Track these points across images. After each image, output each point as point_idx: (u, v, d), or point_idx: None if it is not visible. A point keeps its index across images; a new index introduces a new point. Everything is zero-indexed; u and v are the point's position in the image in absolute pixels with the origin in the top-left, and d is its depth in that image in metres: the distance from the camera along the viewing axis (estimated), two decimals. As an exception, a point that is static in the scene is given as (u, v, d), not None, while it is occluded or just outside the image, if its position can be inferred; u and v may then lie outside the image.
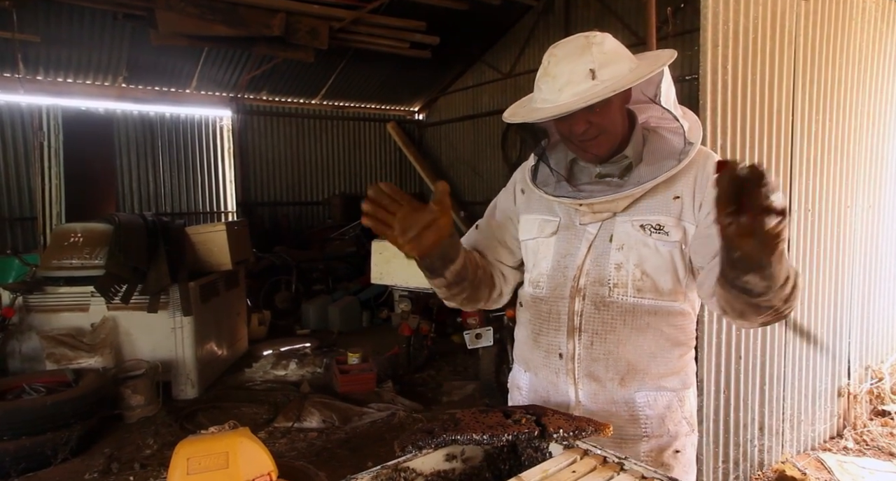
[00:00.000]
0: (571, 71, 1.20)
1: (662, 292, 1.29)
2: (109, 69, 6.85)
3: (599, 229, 1.31)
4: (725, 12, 2.61)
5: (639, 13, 5.99)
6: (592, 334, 1.30)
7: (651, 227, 1.26)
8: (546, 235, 1.38)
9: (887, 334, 3.89)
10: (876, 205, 3.65)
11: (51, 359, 3.97)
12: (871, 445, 3.42)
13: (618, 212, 1.29)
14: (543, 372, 1.39)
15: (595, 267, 1.30)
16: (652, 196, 1.27)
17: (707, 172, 1.26)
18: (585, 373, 1.32)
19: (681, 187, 1.27)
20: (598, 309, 1.30)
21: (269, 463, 1.99)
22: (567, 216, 1.36)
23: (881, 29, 3.54)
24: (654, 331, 1.30)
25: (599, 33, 1.25)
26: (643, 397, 1.32)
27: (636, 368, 1.30)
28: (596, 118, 1.22)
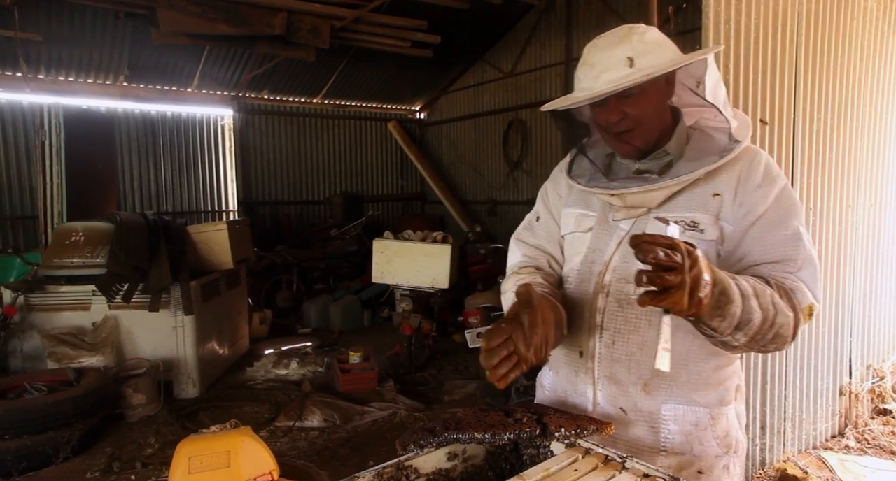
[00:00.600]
0: (609, 58, 1.16)
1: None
2: (111, 68, 6.85)
3: (632, 226, 1.26)
4: (727, 11, 2.60)
5: (640, 12, 5.97)
6: (615, 333, 1.24)
7: (686, 224, 1.20)
8: (583, 230, 1.34)
9: (889, 333, 3.89)
10: (878, 203, 3.65)
11: (52, 358, 3.98)
12: (872, 444, 3.42)
13: (652, 207, 1.24)
14: (564, 370, 1.34)
15: (623, 263, 1.25)
16: (690, 191, 1.22)
17: (752, 172, 1.21)
18: (605, 374, 1.26)
19: (722, 185, 1.21)
20: (622, 306, 1.24)
21: (270, 462, 1.99)
22: (602, 212, 1.32)
23: (882, 28, 3.53)
24: (685, 337, 1.20)
25: (644, 25, 1.22)
26: (670, 410, 1.23)
27: (663, 375, 1.21)
28: (631, 108, 1.18)
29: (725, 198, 1.20)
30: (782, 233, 1.17)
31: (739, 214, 1.20)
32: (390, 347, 5.26)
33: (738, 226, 1.19)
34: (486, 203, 8.95)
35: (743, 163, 1.22)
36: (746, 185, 1.20)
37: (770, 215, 1.18)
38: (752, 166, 1.22)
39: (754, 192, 1.19)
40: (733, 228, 1.20)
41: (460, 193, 9.55)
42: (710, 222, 1.20)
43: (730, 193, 1.20)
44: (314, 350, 5.52)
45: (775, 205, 1.19)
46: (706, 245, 1.19)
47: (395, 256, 4.94)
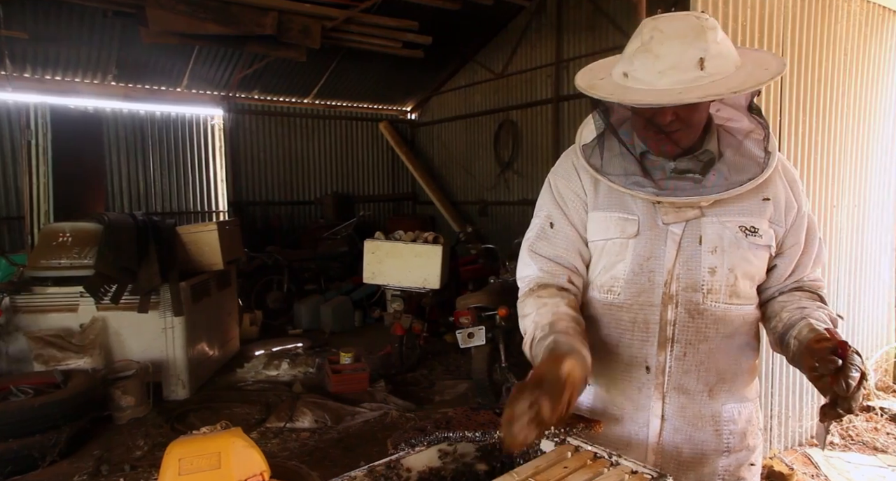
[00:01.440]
0: (680, 55, 1.06)
1: (748, 297, 1.24)
2: (99, 67, 6.79)
3: (685, 229, 1.21)
4: (715, 15, 2.64)
5: (630, 15, 6.02)
6: (686, 344, 1.21)
7: (747, 229, 1.20)
8: (627, 236, 1.23)
9: (872, 331, 3.95)
10: (861, 204, 3.71)
11: (39, 361, 3.94)
12: (856, 440, 3.47)
13: (704, 208, 1.21)
14: (621, 385, 1.27)
15: (686, 271, 1.20)
16: (740, 198, 1.20)
17: (793, 177, 1.27)
18: (675, 386, 1.23)
19: (770, 190, 1.22)
20: (693, 317, 1.21)
21: (261, 463, 1.99)
22: (647, 214, 1.22)
23: (865, 32, 3.59)
24: (740, 337, 1.25)
25: (710, 17, 1.12)
26: (729, 411, 1.26)
27: (724, 378, 1.25)
28: (685, 112, 1.11)
29: (776, 202, 1.23)
30: (817, 245, 1.29)
31: (790, 217, 1.24)
32: (381, 348, 5.26)
33: (791, 228, 1.25)
34: (477, 203, 8.97)
35: (782, 164, 1.26)
36: (795, 191, 1.25)
37: (810, 222, 1.28)
38: (791, 169, 1.28)
39: (802, 201, 1.26)
40: (784, 231, 1.24)
41: (451, 194, 9.56)
42: (766, 227, 1.21)
43: (780, 197, 1.23)
44: (305, 351, 5.51)
45: (807, 213, 1.27)
46: (763, 250, 1.23)
47: (387, 257, 4.95)
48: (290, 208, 8.98)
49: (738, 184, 1.17)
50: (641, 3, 2.75)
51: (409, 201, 10.34)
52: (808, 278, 1.29)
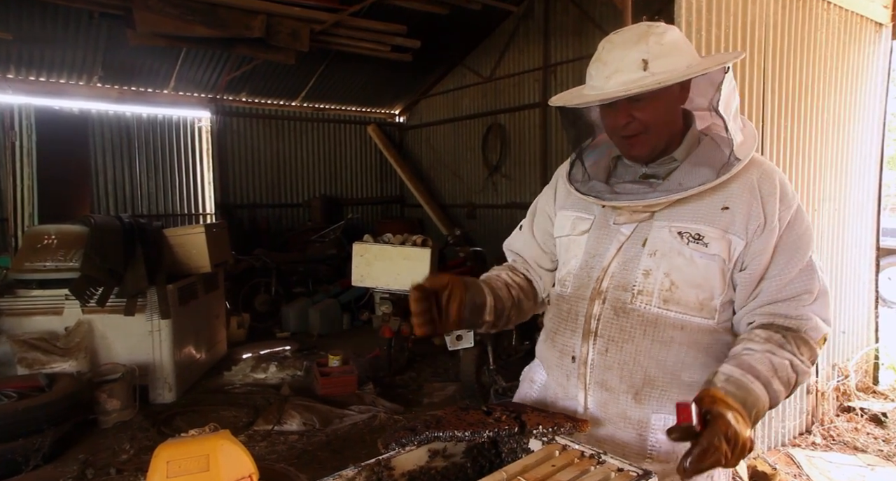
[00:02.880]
0: (622, 58, 1.13)
1: (691, 306, 1.19)
2: (84, 68, 6.73)
3: (633, 231, 1.24)
4: (698, 22, 2.69)
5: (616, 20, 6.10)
6: (608, 340, 1.23)
7: (689, 236, 1.17)
8: (578, 233, 1.32)
9: (853, 333, 4.03)
10: (841, 208, 3.78)
11: (23, 364, 3.89)
12: (837, 440, 3.54)
13: (656, 212, 1.21)
14: (555, 372, 1.33)
15: (621, 270, 1.23)
16: (697, 201, 1.18)
17: (769, 189, 1.18)
18: (597, 381, 1.24)
19: (733, 198, 1.17)
20: (618, 315, 1.22)
21: (250, 465, 1.99)
22: (603, 215, 1.29)
23: (844, 40, 3.68)
24: (680, 348, 1.20)
25: (665, 24, 1.18)
26: (660, 419, 1.21)
27: (654, 384, 1.21)
28: (640, 113, 1.15)
29: (736, 212, 1.17)
30: (797, 267, 1.16)
31: (752, 228, 1.16)
32: (370, 350, 5.26)
33: (753, 244, 1.16)
34: (465, 206, 9.00)
35: (753, 179, 1.19)
36: (766, 205, 1.17)
37: (786, 242, 1.17)
38: (765, 184, 1.18)
39: (772, 216, 1.16)
40: (744, 243, 1.16)
41: (440, 197, 9.58)
42: (717, 236, 1.16)
43: (742, 207, 1.17)
44: (293, 353, 5.49)
45: (791, 230, 1.17)
46: (710, 259, 1.17)
47: (375, 259, 4.95)
48: (278, 211, 8.94)
49: (684, 189, 1.16)
50: (627, 9, 2.80)
51: (398, 204, 10.34)
52: (783, 313, 1.15)
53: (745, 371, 1.07)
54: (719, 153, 1.19)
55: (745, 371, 1.07)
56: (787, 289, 1.16)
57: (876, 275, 4.19)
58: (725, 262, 1.17)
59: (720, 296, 1.19)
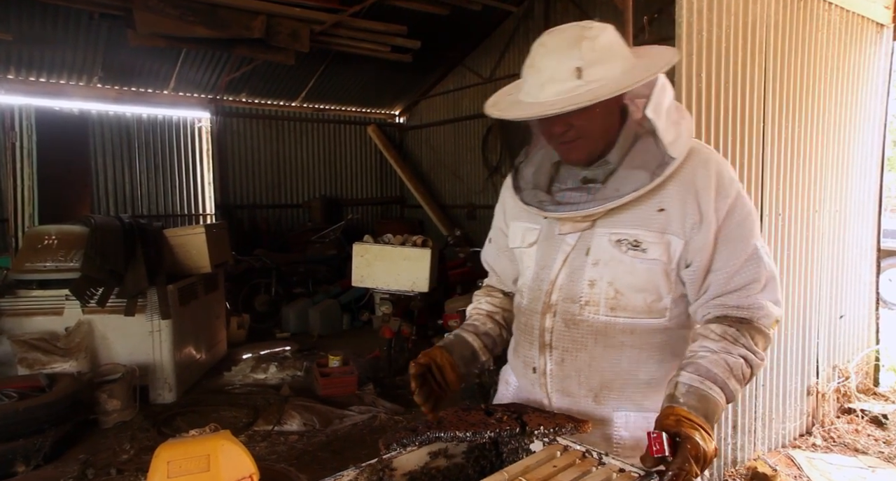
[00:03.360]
0: (556, 66, 1.11)
1: (639, 310, 1.21)
2: (84, 69, 6.73)
3: (578, 240, 1.24)
4: (699, 22, 2.69)
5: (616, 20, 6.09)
6: (563, 351, 1.25)
7: (628, 244, 1.18)
8: (526, 245, 1.33)
9: (853, 334, 4.03)
10: (842, 210, 3.78)
11: (23, 364, 3.89)
12: (837, 442, 3.53)
13: (597, 220, 1.21)
14: (522, 381, 1.38)
15: (568, 282, 1.24)
16: (633, 207, 1.18)
17: (705, 183, 1.17)
18: (558, 389, 1.28)
19: (668, 199, 1.17)
20: (569, 327, 1.24)
21: (250, 465, 1.99)
22: (548, 225, 1.29)
23: (845, 40, 3.68)
24: (632, 350, 1.23)
25: (598, 24, 1.15)
26: (621, 417, 1.25)
27: (611, 386, 1.24)
28: (577, 121, 1.14)
29: (672, 213, 1.17)
30: (742, 257, 1.17)
31: (689, 226, 1.16)
32: (370, 351, 5.26)
33: (692, 241, 1.16)
34: (465, 207, 9.00)
35: (689, 173, 1.17)
36: (701, 200, 1.16)
37: (727, 233, 1.17)
38: (700, 177, 1.17)
39: (707, 211, 1.16)
40: (683, 241, 1.16)
41: (440, 197, 9.58)
42: (654, 240, 1.17)
43: (678, 207, 1.16)
44: (293, 354, 5.48)
45: (731, 220, 1.17)
46: (650, 264, 1.18)
47: (375, 260, 4.95)
48: (278, 211, 8.94)
49: (619, 196, 1.15)
50: (628, 9, 2.80)
51: (398, 205, 10.34)
52: (735, 304, 1.17)
53: (704, 377, 1.10)
54: (655, 151, 1.17)
55: (704, 377, 1.10)
56: (735, 280, 1.17)
57: (877, 277, 4.19)
58: (667, 264, 1.18)
59: (668, 296, 1.21)
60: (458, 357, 1.34)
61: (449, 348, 1.35)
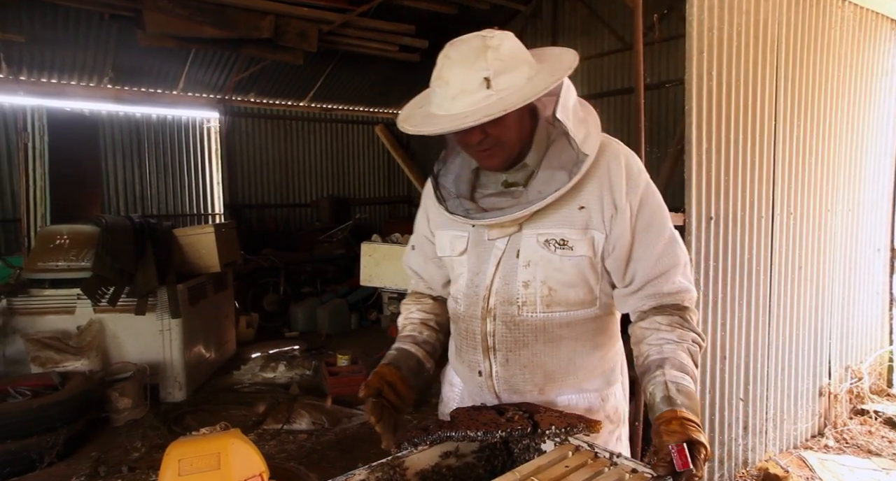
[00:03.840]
0: (465, 78, 1.12)
1: (573, 304, 1.27)
2: (95, 70, 6.78)
3: (507, 244, 1.27)
4: (710, 20, 2.67)
5: (625, 19, 6.07)
6: (507, 352, 1.29)
7: (555, 243, 1.23)
8: (457, 253, 1.34)
9: (866, 335, 3.99)
10: (855, 208, 3.74)
11: (36, 363, 3.93)
12: (850, 443, 3.50)
13: (523, 224, 1.24)
14: (469, 384, 1.41)
15: (504, 286, 1.27)
16: (555, 207, 1.22)
17: (615, 177, 1.21)
18: (505, 388, 1.32)
19: (586, 196, 1.22)
20: (510, 328, 1.28)
21: (260, 464, 2.00)
22: (476, 231, 1.31)
23: (859, 37, 3.64)
24: (570, 341, 1.29)
25: (498, 33, 1.17)
26: (564, 400, 1.32)
27: (554, 377, 1.30)
28: (492, 129, 1.16)
29: (592, 209, 1.22)
30: (661, 243, 1.24)
31: (607, 219, 1.22)
32: (378, 350, 5.26)
33: (611, 232, 1.23)
34: (473, 206, 8.99)
35: (603, 168, 1.22)
36: (615, 193, 1.22)
37: (644, 222, 1.23)
38: (613, 170, 1.22)
39: (621, 203, 1.22)
40: (604, 234, 1.23)
41: (447, 197, 9.57)
42: (579, 237, 1.22)
43: (596, 203, 1.22)
44: (302, 353, 5.50)
45: (645, 209, 1.24)
46: (578, 260, 1.24)
47: (383, 259, 4.95)
48: (287, 211, 8.97)
49: (542, 198, 1.18)
50: (638, 8, 2.77)
51: (406, 204, 10.35)
52: (666, 291, 1.24)
53: (682, 372, 1.16)
54: (570, 151, 1.20)
55: (682, 372, 1.16)
56: (658, 265, 1.24)
57: (890, 277, 4.14)
58: (592, 258, 1.25)
59: (597, 286, 1.29)
60: (406, 370, 1.36)
61: (396, 364, 1.36)
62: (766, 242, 3.10)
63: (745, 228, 2.97)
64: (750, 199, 2.97)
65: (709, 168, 2.75)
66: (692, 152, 2.67)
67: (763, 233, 3.08)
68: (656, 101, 5.99)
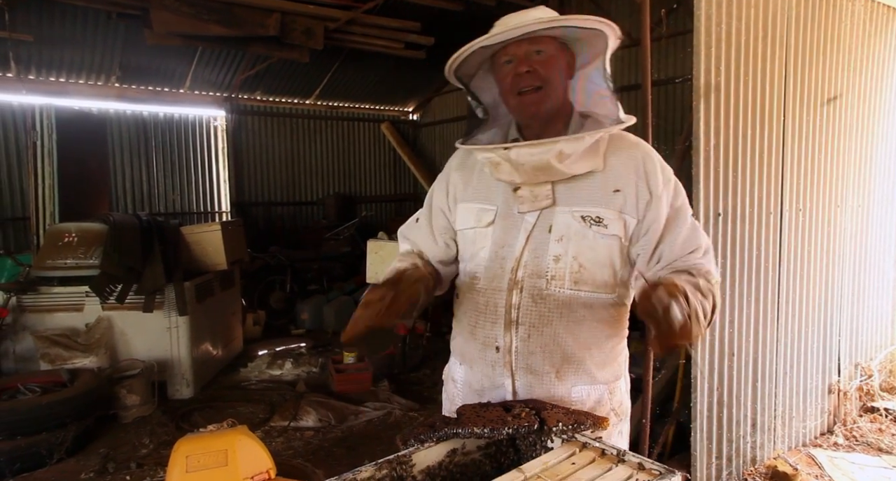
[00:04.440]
0: (522, 18, 1.24)
1: (598, 285, 1.30)
2: (103, 69, 6.81)
3: (538, 218, 1.30)
4: (718, 14, 2.65)
5: (632, 15, 6.03)
6: (529, 327, 1.30)
7: (591, 219, 1.27)
8: (483, 225, 1.35)
9: (876, 331, 3.95)
10: (865, 204, 3.71)
11: (45, 360, 3.96)
12: (860, 441, 3.47)
13: (557, 200, 1.29)
14: (479, 365, 1.38)
15: (533, 258, 1.29)
16: (590, 186, 1.28)
17: (652, 169, 1.29)
18: (523, 366, 1.31)
19: (621, 181, 1.28)
20: (536, 302, 1.29)
21: (267, 460, 2.00)
22: (505, 204, 1.33)
23: (869, 30, 3.60)
24: (590, 324, 1.31)
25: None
26: (577, 392, 1.33)
27: (571, 360, 1.31)
28: (540, 65, 1.24)
29: (627, 193, 1.28)
30: (684, 229, 1.31)
31: (641, 207, 1.28)
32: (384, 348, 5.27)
33: (645, 218, 1.28)
34: (479, 204, 8.97)
35: (638, 157, 1.30)
36: (650, 182, 1.28)
37: (672, 213, 1.30)
38: (648, 161, 1.30)
39: (657, 190, 1.28)
40: (636, 221, 1.28)
41: (453, 194, 9.56)
42: (614, 217, 1.27)
43: (631, 188, 1.28)
44: (308, 350, 5.52)
45: (674, 203, 1.31)
46: (610, 239, 1.28)
47: (390, 257, 4.95)
48: (293, 209, 8.99)
49: (589, 132, 1.24)
50: (646, 3, 2.75)
51: (411, 202, 10.33)
52: (685, 261, 1.30)
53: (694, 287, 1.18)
54: (612, 108, 1.29)
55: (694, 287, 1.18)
56: (682, 246, 1.30)
57: (900, 273, 4.10)
58: (622, 240, 1.29)
59: (620, 272, 1.32)
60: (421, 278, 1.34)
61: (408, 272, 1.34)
62: (774, 239, 3.07)
63: (754, 225, 2.94)
64: (758, 195, 2.94)
65: (716, 164, 2.72)
66: (700, 148, 2.65)
67: (771, 229, 3.05)
68: (664, 97, 5.95)
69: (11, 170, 6.55)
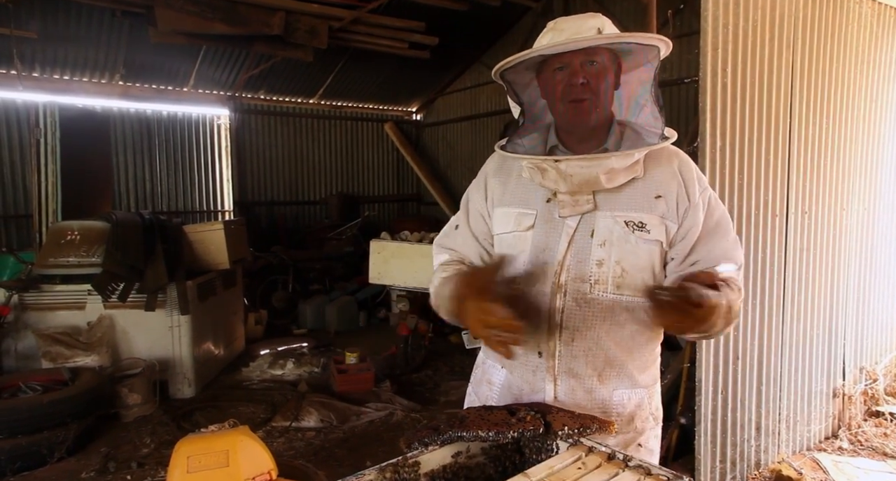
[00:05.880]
0: (579, 26, 1.23)
1: (639, 289, 1.29)
2: (107, 67, 6.82)
3: (579, 223, 1.29)
4: (725, 16, 2.63)
5: (637, 16, 6.01)
6: (573, 331, 1.29)
7: (634, 224, 1.27)
8: (523, 229, 1.34)
9: (881, 336, 3.93)
10: (871, 207, 3.68)
11: (47, 358, 3.95)
12: (865, 445, 3.45)
13: (599, 205, 1.29)
14: (519, 370, 1.37)
15: (576, 263, 1.29)
16: (631, 192, 1.28)
17: (690, 177, 1.31)
18: (565, 370, 1.31)
19: (663, 187, 1.29)
20: (580, 305, 1.29)
21: (269, 461, 1.99)
22: (546, 209, 1.33)
23: (877, 33, 3.57)
24: (631, 328, 1.31)
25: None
26: (619, 396, 1.33)
27: (613, 363, 1.32)
28: (593, 77, 1.23)
29: (668, 199, 1.29)
30: (726, 242, 1.32)
31: (681, 213, 1.29)
32: (386, 348, 5.26)
33: (683, 223, 1.29)
34: (482, 204, 8.95)
35: (676, 165, 1.31)
36: (689, 189, 1.30)
37: (710, 221, 1.31)
38: (688, 169, 1.32)
39: (694, 198, 1.30)
40: (676, 227, 1.29)
41: (456, 195, 9.55)
42: (656, 223, 1.28)
43: (671, 194, 1.29)
44: (310, 350, 5.51)
45: (712, 212, 1.32)
46: (652, 244, 1.28)
47: (392, 257, 4.95)
48: (296, 208, 8.98)
49: (636, 147, 1.25)
50: (652, 4, 2.74)
51: (414, 202, 10.33)
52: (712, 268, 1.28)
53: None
54: (647, 134, 1.30)
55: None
56: (721, 257, 1.30)
57: (906, 276, 4.07)
58: (663, 245, 1.29)
59: (658, 276, 1.32)
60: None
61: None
62: (780, 241, 3.06)
63: (759, 227, 2.92)
64: (764, 197, 2.93)
65: (722, 166, 2.71)
66: (706, 150, 2.63)
67: (777, 231, 3.03)
68: (670, 98, 5.93)
69: (14, 168, 6.55)
